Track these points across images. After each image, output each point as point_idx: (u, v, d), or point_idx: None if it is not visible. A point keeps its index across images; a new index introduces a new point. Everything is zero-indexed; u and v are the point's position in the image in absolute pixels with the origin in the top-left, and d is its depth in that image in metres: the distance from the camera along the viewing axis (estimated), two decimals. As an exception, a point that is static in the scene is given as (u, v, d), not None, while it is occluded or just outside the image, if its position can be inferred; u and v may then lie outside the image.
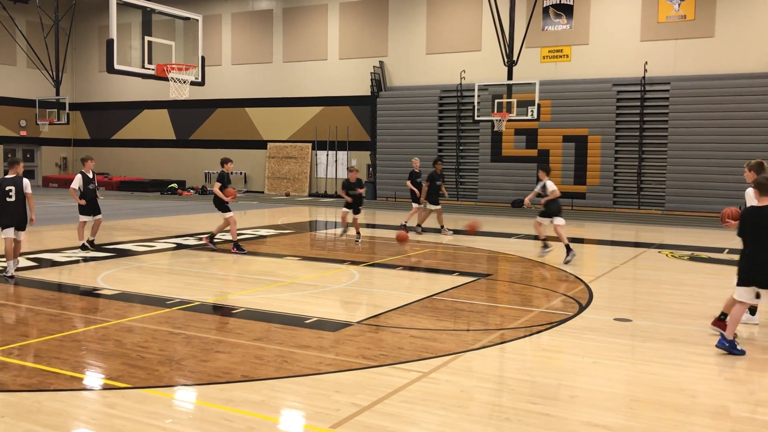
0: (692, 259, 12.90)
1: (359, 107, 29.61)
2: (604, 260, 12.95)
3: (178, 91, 12.86)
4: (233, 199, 12.59)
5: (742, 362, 6.35)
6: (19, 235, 10.11)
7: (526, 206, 13.27)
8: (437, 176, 16.15)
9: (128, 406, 4.96)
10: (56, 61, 28.33)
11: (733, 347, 6.43)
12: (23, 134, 35.13)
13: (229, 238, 13.06)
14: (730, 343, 6.45)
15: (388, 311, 8.07)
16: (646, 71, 23.94)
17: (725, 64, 23.13)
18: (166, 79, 12.61)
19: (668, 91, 23.57)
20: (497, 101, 21.84)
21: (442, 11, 27.78)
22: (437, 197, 16.21)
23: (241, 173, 32.61)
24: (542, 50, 25.78)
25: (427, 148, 27.31)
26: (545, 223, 12.40)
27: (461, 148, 27.28)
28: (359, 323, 7.47)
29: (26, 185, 9.98)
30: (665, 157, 23.73)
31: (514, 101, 21.49)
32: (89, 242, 12.60)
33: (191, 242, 13.60)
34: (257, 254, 12.66)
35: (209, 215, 18.50)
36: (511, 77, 21.99)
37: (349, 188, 14.47)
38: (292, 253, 12.84)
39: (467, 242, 14.64)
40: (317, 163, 31.07)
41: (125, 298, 8.72)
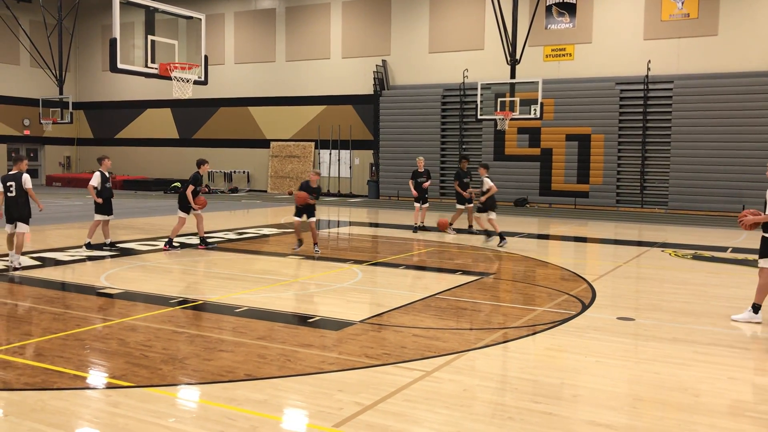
0: (695, 258, 12.88)
1: (362, 106, 29.60)
2: (607, 259, 12.93)
3: (181, 90, 12.87)
4: (201, 207, 12.84)
5: (746, 361, 6.35)
6: (19, 228, 10.42)
7: (467, 196, 15.08)
8: (464, 174, 15.86)
9: (132, 404, 4.97)
10: (59, 60, 28.36)
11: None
12: (27, 133, 35.21)
13: (216, 237, 13.06)
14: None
15: (390, 310, 8.08)
16: (649, 70, 23.90)
17: (729, 62, 23.07)
18: (169, 78, 12.62)
19: (671, 89, 23.52)
20: (500, 100, 21.81)
21: (445, 10, 27.76)
22: (465, 196, 15.79)
23: (244, 172, 32.65)
24: (545, 49, 25.75)
25: (430, 146, 27.35)
26: (483, 216, 14.23)
27: (464, 146, 27.26)
28: (362, 322, 7.47)
29: (25, 180, 10.40)
30: (668, 155, 23.69)
31: (517, 100, 21.47)
32: (110, 244, 12.64)
33: (194, 241, 13.62)
34: (260, 253, 12.68)
35: (211, 214, 18.53)
36: (514, 76, 21.97)
37: (309, 192, 12.50)
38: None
39: (470, 241, 14.63)
40: (320, 162, 31.08)
41: (129, 297, 8.74)
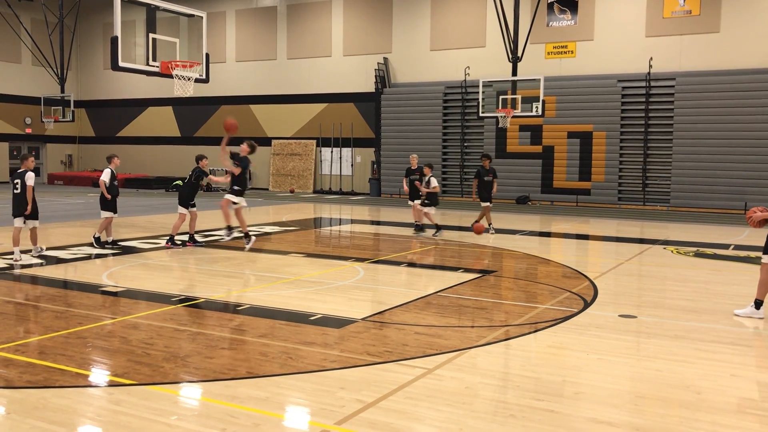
0: (697, 255, 12.86)
1: (363, 104, 29.59)
2: (609, 256, 12.92)
3: (182, 88, 12.85)
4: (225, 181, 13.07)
5: (748, 358, 6.34)
6: (30, 223, 11.15)
7: (421, 193, 15.01)
8: (485, 172, 15.40)
9: (134, 402, 4.97)
10: (61, 58, 28.37)
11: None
12: (28, 132, 35.24)
13: (230, 234, 13.07)
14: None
15: (392, 308, 8.08)
16: (651, 67, 23.86)
17: (731, 59, 23.03)
18: (170, 76, 12.60)
19: (673, 86, 23.49)
20: (502, 97, 21.80)
21: (446, 7, 27.73)
22: (487, 194, 15.37)
23: (245, 170, 32.63)
24: (547, 46, 25.72)
25: (431, 144, 27.34)
26: (424, 210, 15.04)
27: (466, 144, 27.25)
28: (364, 320, 7.47)
29: (27, 178, 10.83)
30: (670, 153, 23.66)
31: (518, 97, 21.46)
32: (112, 242, 12.67)
33: (196, 238, 13.61)
34: (262, 251, 12.67)
35: (213, 212, 18.52)
36: (515, 73, 21.95)
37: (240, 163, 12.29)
38: (296, 249, 12.86)
39: (472, 239, 14.62)
40: (321, 159, 31.08)
41: (130, 295, 8.74)
